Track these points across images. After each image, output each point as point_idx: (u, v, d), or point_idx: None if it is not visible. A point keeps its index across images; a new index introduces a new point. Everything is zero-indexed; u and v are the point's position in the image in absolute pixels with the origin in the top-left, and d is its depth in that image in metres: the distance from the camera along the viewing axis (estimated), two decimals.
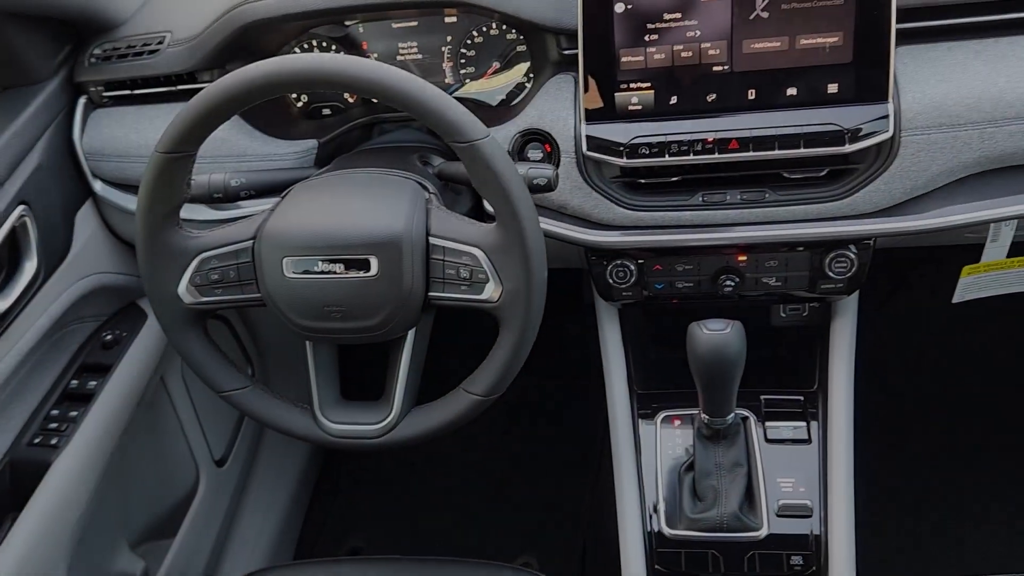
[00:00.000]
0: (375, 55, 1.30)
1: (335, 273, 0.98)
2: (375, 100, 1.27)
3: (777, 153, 1.08)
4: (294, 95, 1.36)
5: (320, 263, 0.98)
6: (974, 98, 1.05)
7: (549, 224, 1.19)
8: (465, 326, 1.60)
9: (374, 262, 0.97)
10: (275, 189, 1.11)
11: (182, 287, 1.04)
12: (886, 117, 1.05)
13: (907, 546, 1.81)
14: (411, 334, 1.05)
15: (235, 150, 1.26)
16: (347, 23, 1.29)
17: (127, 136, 1.32)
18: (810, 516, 1.16)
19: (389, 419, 1.06)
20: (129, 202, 1.35)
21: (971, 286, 1.26)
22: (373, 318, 0.99)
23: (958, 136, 1.06)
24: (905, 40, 1.08)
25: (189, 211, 1.25)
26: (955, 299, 1.28)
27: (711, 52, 1.08)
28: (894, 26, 1.02)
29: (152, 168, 0.97)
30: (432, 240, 0.99)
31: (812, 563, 1.13)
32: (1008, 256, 1.24)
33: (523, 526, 1.99)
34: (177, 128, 0.95)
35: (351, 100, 1.36)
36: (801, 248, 1.18)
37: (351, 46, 1.31)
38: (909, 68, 1.08)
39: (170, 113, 1.25)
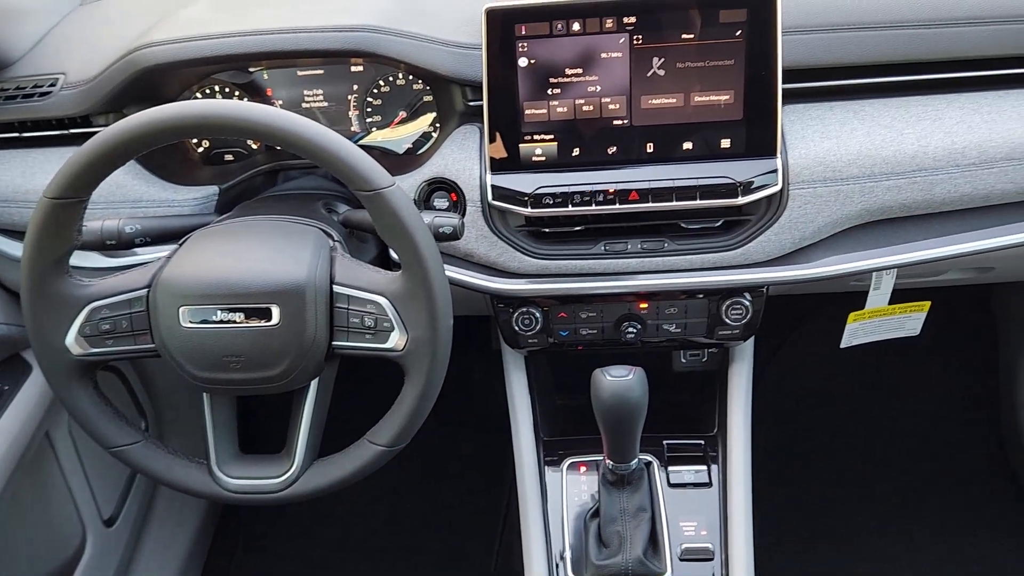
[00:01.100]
0: (280, 102, 1.30)
1: (235, 323, 0.95)
2: (279, 148, 1.26)
3: (675, 204, 1.12)
4: (195, 140, 1.34)
5: (219, 312, 0.95)
6: (854, 154, 1.12)
7: (455, 272, 1.19)
8: (372, 375, 1.58)
9: (276, 311, 0.95)
10: (172, 236, 1.08)
11: (70, 338, 0.99)
12: (775, 171, 1.11)
13: None
14: (314, 384, 1.03)
15: (131, 195, 1.23)
16: (251, 70, 1.28)
17: (14, 180, 1.27)
18: (712, 559, 1.18)
19: (290, 472, 1.03)
20: (15, 248, 1.29)
21: (857, 332, 1.33)
22: (274, 368, 0.97)
23: (841, 190, 1.13)
24: (791, 99, 1.15)
25: (80, 258, 1.21)
26: (843, 344, 1.35)
27: (611, 107, 1.12)
28: (780, 86, 1.08)
29: (40, 214, 0.93)
30: (336, 288, 0.98)
31: None
32: (890, 303, 1.31)
33: None
34: (68, 172, 0.91)
35: (255, 146, 1.34)
36: (700, 296, 1.22)
37: (255, 93, 1.30)
38: (796, 126, 1.14)
39: (61, 157, 1.21)
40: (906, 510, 1.96)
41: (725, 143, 1.12)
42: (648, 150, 1.13)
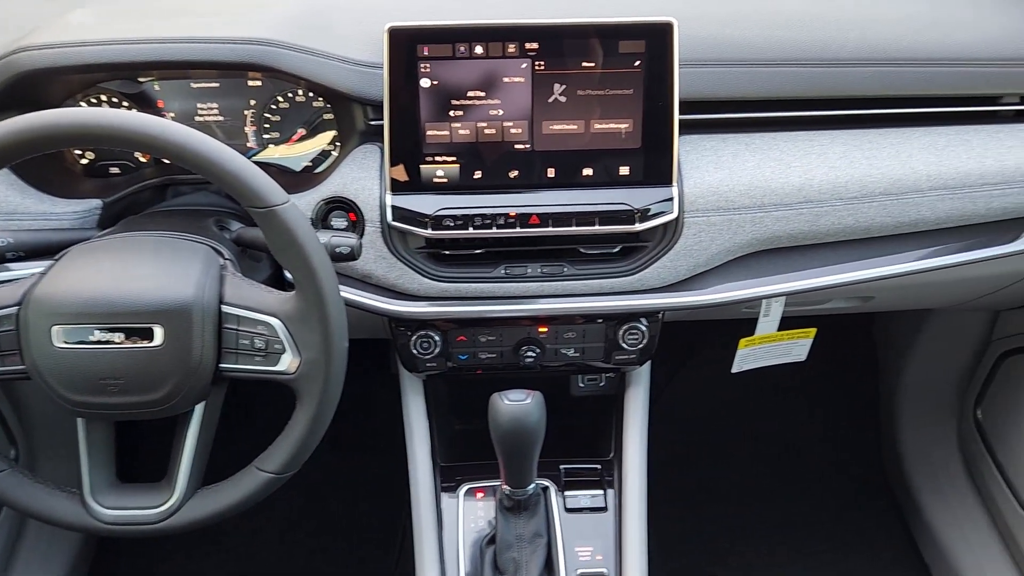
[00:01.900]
0: (171, 115, 1.24)
1: (113, 343, 0.90)
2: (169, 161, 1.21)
3: (574, 229, 1.13)
4: (78, 151, 1.27)
5: (96, 332, 0.90)
6: (745, 185, 1.15)
7: (352, 293, 1.17)
8: (264, 399, 1.52)
9: (159, 331, 0.91)
10: (48, 251, 1.02)
11: None
12: (671, 199, 1.13)
13: None
14: (199, 408, 0.98)
15: (3, 207, 1.15)
16: (141, 80, 1.23)
17: None
18: None
19: (171, 502, 0.98)
20: None
21: (747, 357, 1.36)
22: (156, 392, 0.92)
23: (733, 219, 1.16)
24: (687, 130, 1.18)
25: None
26: (733, 369, 1.38)
27: (513, 131, 1.12)
28: (676, 116, 1.11)
29: None
30: (225, 308, 0.95)
31: None
32: (779, 330, 1.36)
33: None
34: None
35: (143, 159, 1.28)
36: (598, 320, 1.23)
37: (145, 104, 1.25)
38: (691, 156, 1.17)
39: None
40: (794, 526, 2.03)
41: (624, 170, 1.14)
42: (549, 175, 1.14)
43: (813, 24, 1.21)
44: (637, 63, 1.09)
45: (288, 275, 1.13)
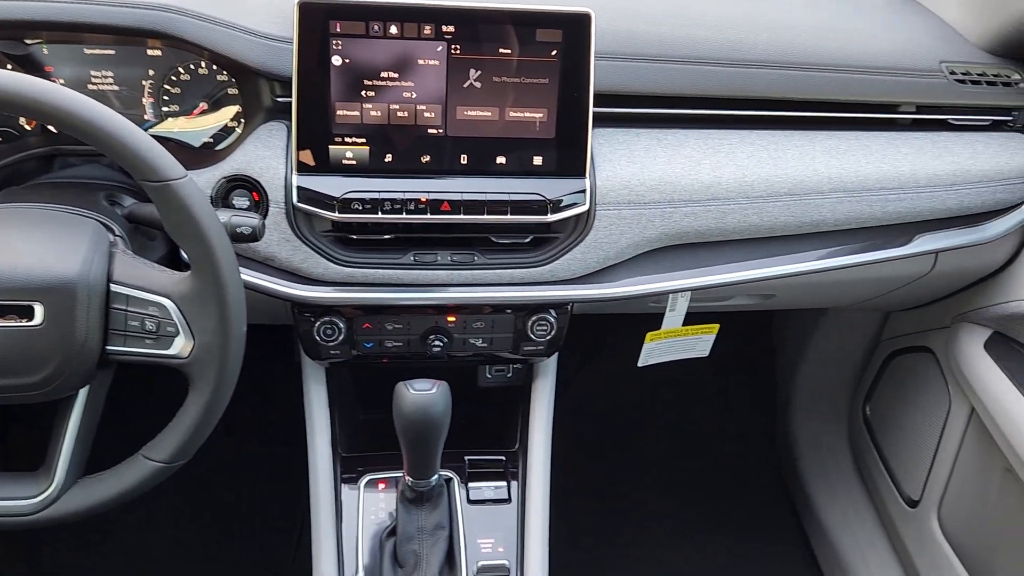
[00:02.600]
0: (61, 81, 1.17)
1: None
2: (55, 129, 1.13)
3: (486, 218, 1.12)
4: None
5: None
6: (656, 180, 1.16)
7: (252, 276, 1.12)
8: (156, 383, 1.46)
9: (39, 309, 0.85)
10: None
11: None
12: (584, 191, 1.13)
13: None
14: (83, 393, 0.93)
15: None
16: (28, 42, 1.15)
17: None
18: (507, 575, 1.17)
19: (49, 491, 0.92)
20: None
21: (653, 351, 1.38)
22: (35, 374, 0.86)
23: (643, 213, 1.17)
24: (601, 123, 1.18)
25: None
26: (640, 363, 1.40)
27: (426, 114, 1.09)
28: (591, 109, 1.11)
29: None
30: (114, 287, 0.89)
31: None
32: (684, 325, 1.38)
33: None
34: None
35: (27, 126, 1.20)
36: (507, 311, 1.22)
37: (33, 68, 1.16)
38: (604, 148, 1.17)
39: None
40: (694, 517, 2.08)
41: (537, 160, 1.13)
42: (462, 162, 1.12)
43: (725, 24, 1.23)
44: (554, 52, 1.08)
45: (184, 255, 1.08)
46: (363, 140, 1.09)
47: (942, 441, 1.59)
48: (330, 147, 1.09)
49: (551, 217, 1.13)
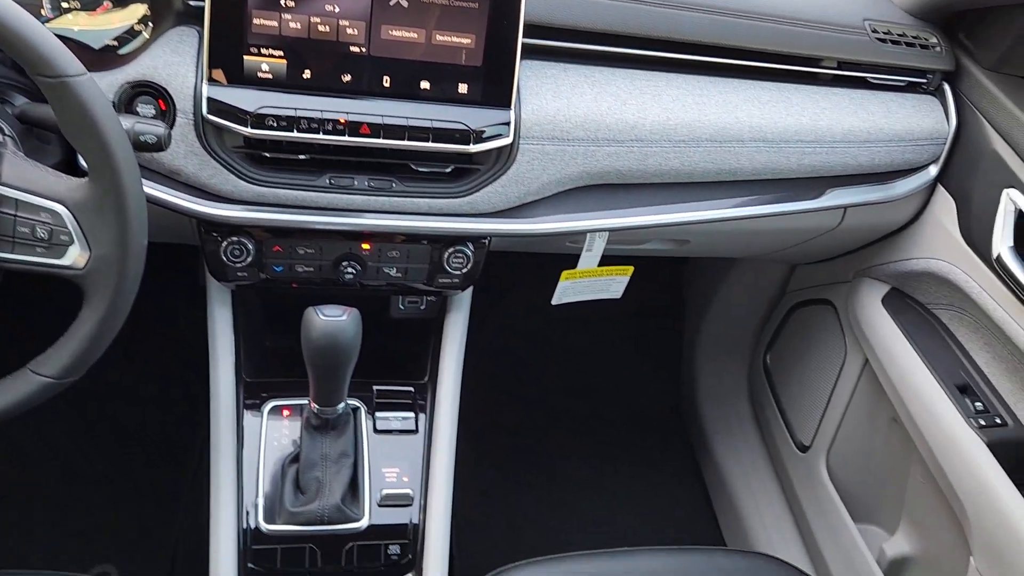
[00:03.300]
0: None
1: None
2: None
3: (407, 144, 1.08)
4: None
5: None
6: (581, 117, 1.15)
7: (157, 190, 1.07)
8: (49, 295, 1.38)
9: None
10: None
11: None
12: (508, 123, 1.11)
13: (504, 534, 1.95)
14: None
15: None
16: None
17: None
18: (410, 505, 1.17)
19: None
20: None
21: (568, 290, 1.38)
22: None
23: (566, 150, 1.16)
24: (530, 55, 1.15)
25: None
26: (554, 301, 1.40)
27: (349, 31, 1.05)
28: (520, 39, 1.08)
29: None
30: (2, 190, 0.83)
31: (409, 552, 1.15)
32: (600, 266, 1.38)
33: (106, 532, 1.78)
34: None
35: None
36: (423, 242, 1.20)
37: None
38: (531, 81, 1.15)
39: None
40: (595, 454, 2.14)
41: (462, 88, 1.10)
42: (384, 84, 1.08)
43: None
44: None
45: (81, 161, 1.01)
46: (280, 53, 1.04)
47: (835, 390, 1.67)
48: (245, 58, 1.03)
49: (473, 148, 1.10)
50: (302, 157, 1.10)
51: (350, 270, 1.19)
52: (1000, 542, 1.21)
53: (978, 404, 1.31)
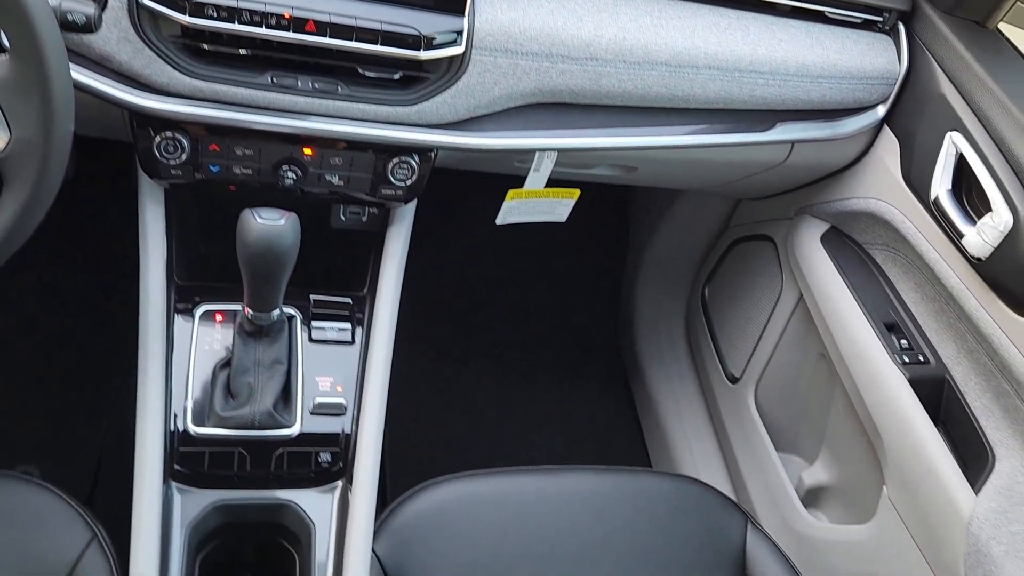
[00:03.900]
0: None
1: None
2: None
3: (353, 45, 1.04)
4: None
5: None
6: (536, 31, 1.12)
7: (86, 76, 1.01)
8: None
9: None
10: None
11: None
12: (460, 32, 1.07)
13: (436, 450, 1.98)
14: None
15: None
16: None
17: None
18: (343, 414, 1.17)
19: None
20: None
21: (513, 210, 1.37)
22: None
23: (519, 64, 1.12)
24: None
25: None
26: (498, 221, 1.38)
27: None
28: None
29: None
30: None
31: (340, 460, 1.14)
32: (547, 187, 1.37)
33: (29, 435, 1.74)
34: None
35: None
36: (368, 150, 1.17)
37: None
38: None
39: None
40: (531, 377, 2.16)
41: None
42: None
43: None
44: None
45: (2, 37, 0.95)
46: None
47: (768, 325, 1.70)
48: None
49: (423, 55, 1.06)
50: (243, 52, 1.05)
51: (290, 175, 1.15)
52: (911, 472, 1.27)
53: (903, 342, 1.35)
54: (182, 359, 1.16)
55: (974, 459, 1.23)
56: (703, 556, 1.26)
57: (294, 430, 1.13)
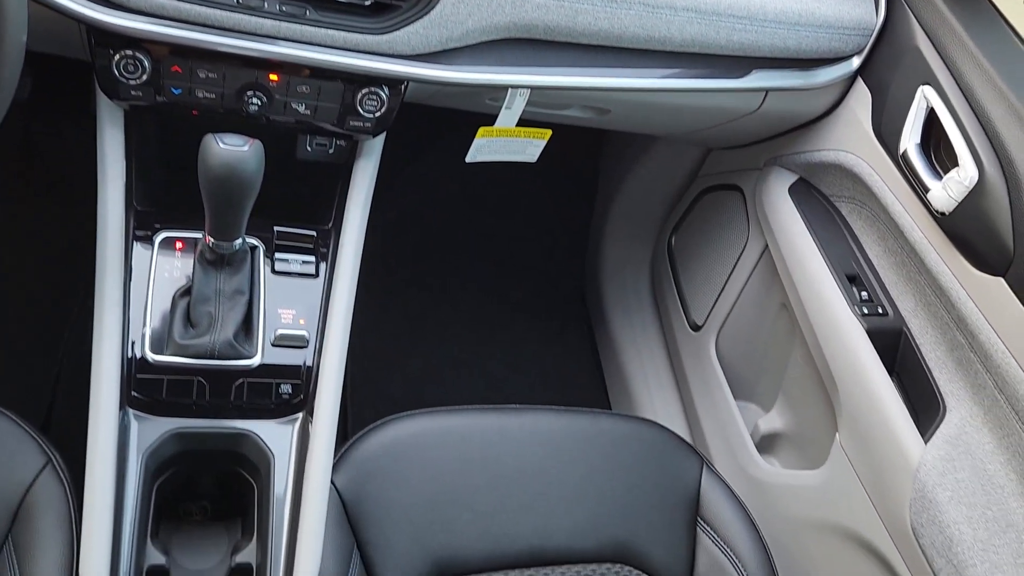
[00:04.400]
0: None
1: None
2: None
3: None
4: None
5: None
6: None
7: None
8: None
9: None
10: None
11: None
12: None
13: (398, 388, 1.98)
14: None
15: None
16: None
17: None
18: (305, 347, 1.16)
19: None
20: None
21: (484, 148, 1.35)
22: None
23: None
24: None
25: None
26: (468, 158, 1.37)
27: None
28: None
29: None
30: None
31: (301, 392, 1.14)
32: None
33: None
34: None
35: None
36: (336, 80, 1.14)
37: None
38: None
39: None
40: (496, 320, 2.16)
41: None
42: None
43: None
44: None
45: None
46: None
47: (733, 274, 1.71)
48: None
49: None
50: None
51: (255, 101, 1.12)
52: (864, 420, 1.30)
53: (864, 294, 1.37)
54: (140, 286, 1.14)
55: (925, 409, 1.26)
56: (658, 496, 1.29)
57: (254, 361, 1.11)
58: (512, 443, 1.26)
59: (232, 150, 0.97)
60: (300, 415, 1.15)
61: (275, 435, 1.12)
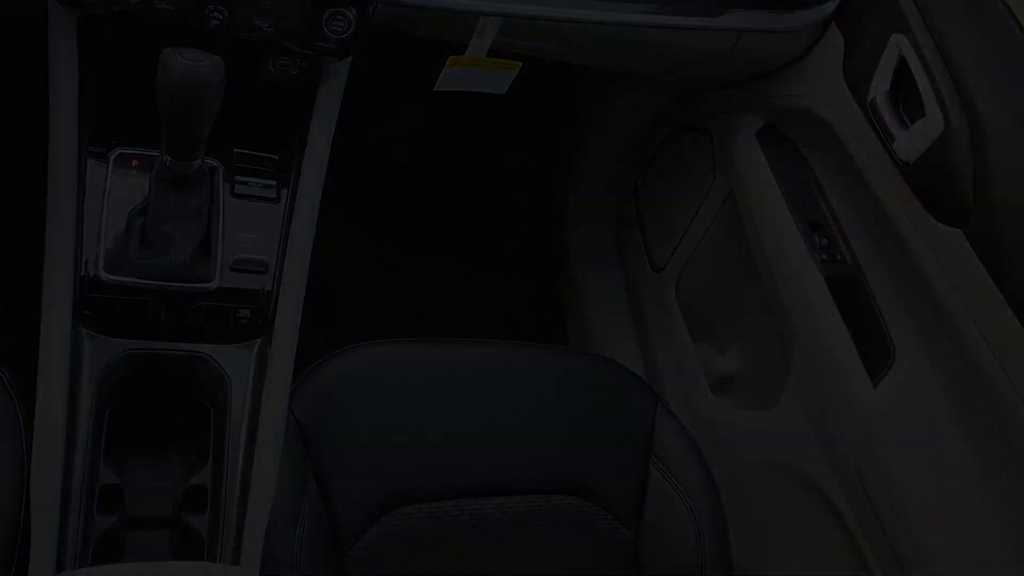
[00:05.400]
0: None
1: None
2: None
3: None
4: None
5: None
6: None
7: None
8: None
9: None
10: None
11: None
12: None
13: (358, 319, 1.97)
14: None
15: None
16: None
17: None
18: (265, 272, 1.14)
19: None
20: None
21: (453, 76, 1.32)
22: None
23: None
24: None
25: None
26: (437, 87, 1.34)
27: None
28: None
29: None
30: None
31: (259, 317, 1.13)
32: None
33: None
34: None
35: None
36: None
37: None
38: None
39: None
40: (464, 251, 2.15)
41: None
42: None
43: None
44: None
45: None
46: None
47: (697, 217, 1.72)
48: None
49: None
50: None
51: (216, 15, 1.07)
52: (816, 363, 1.33)
53: (824, 240, 1.38)
54: (94, 204, 1.10)
55: (876, 355, 1.29)
56: (612, 432, 1.31)
57: (212, 284, 1.10)
58: (469, 375, 1.27)
59: (192, 64, 0.94)
60: (258, 340, 1.13)
61: (233, 359, 1.11)
